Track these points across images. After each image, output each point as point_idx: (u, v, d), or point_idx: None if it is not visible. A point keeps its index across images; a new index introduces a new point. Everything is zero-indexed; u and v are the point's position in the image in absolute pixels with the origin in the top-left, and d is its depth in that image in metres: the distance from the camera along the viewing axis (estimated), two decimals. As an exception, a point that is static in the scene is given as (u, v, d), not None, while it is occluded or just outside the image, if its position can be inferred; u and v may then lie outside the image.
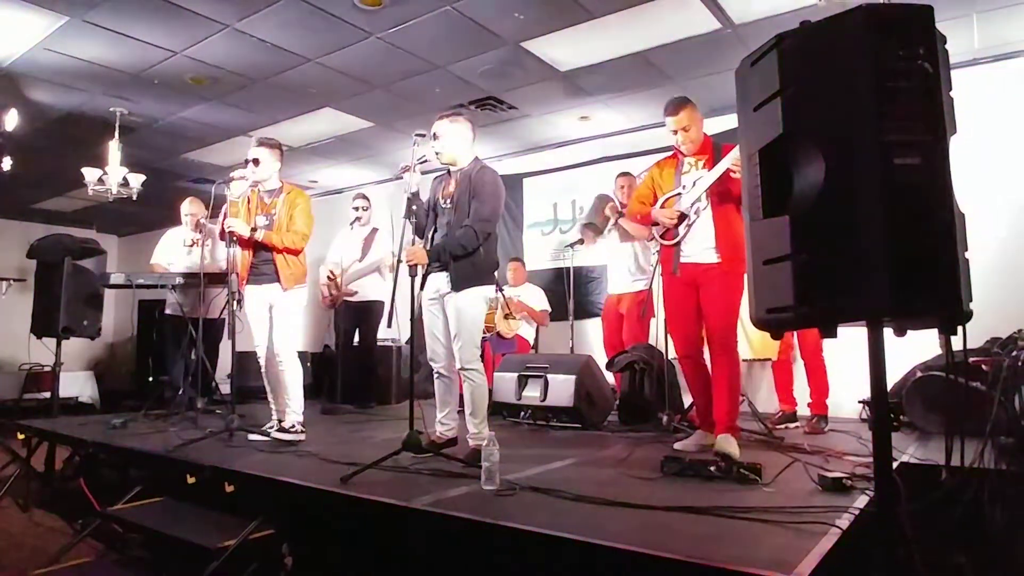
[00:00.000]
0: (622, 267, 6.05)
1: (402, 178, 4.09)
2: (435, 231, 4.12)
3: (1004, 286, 5.00)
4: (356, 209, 7.04)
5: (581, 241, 6.44)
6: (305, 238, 4.78)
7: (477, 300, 4.01)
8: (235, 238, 4.76)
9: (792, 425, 5.18)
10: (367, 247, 6.95)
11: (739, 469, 3.21)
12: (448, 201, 4.08)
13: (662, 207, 4.25)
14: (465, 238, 3.91)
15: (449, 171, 4.21)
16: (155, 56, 6.01)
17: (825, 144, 2.07)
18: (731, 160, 3.89)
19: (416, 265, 3.84)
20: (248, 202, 4.85)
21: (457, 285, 3.94)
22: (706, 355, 4.17)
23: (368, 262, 6.86)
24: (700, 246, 4.08)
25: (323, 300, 6.91)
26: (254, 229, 4.65)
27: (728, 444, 3.85)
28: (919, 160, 1.96)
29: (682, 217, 4.13)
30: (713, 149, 4.16)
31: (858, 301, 2.02)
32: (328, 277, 6.84)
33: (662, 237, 4.27)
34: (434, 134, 4.08)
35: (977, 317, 2.05)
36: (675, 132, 4.17)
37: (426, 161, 4.06)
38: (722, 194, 4.01)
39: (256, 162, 4.74)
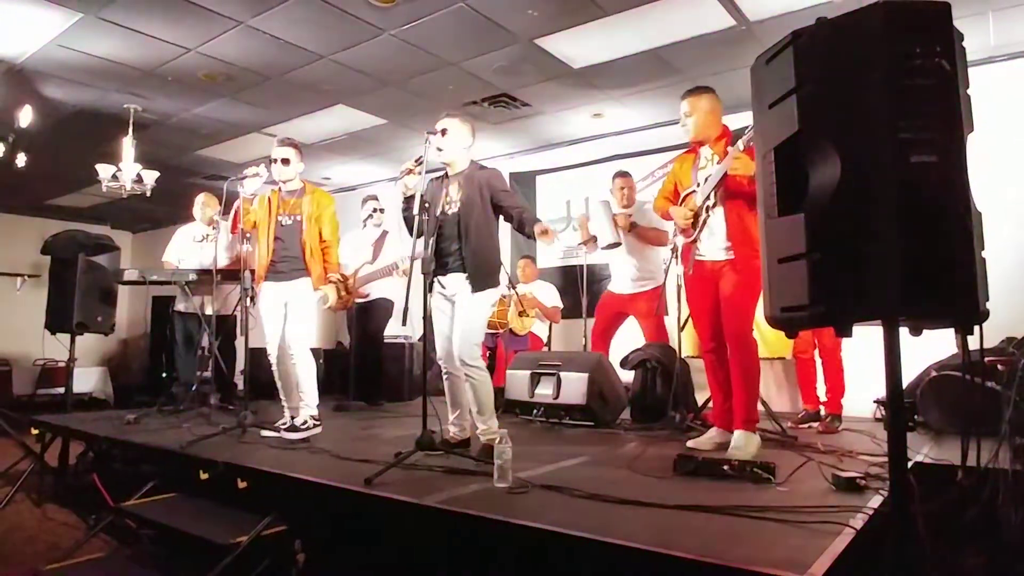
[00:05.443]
0: (627, 267, 5.95)
1: (401, 179, 4.17)
2: (439, 239, 4.11)
3: (1021, 286, 4.96)
4: (373, 211, 7.03)
5: (594, 238, 6.37)
6: (337, 243, 5.10)
7: (486, 302, 4.08)
8: (249, 236, 4.82)
9: (815, 425, 5.15)
10: (378, 250, 6.94)
11: (752, 468, 3.19)
12: (452, 207, 4.08)
13: (681, 204, 4.25)
14: (531, 217, 4.06)
15: (447, 174, 4.21)
16: (169, 53, 6.04)
17: (841, 142, 2.05)
18: (728, 164, 3.89)
19: (427, 261, 3.84)
20: (269, 202, 4.87)
21: (475, 286, 3.97)
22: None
23: (380, 265, 6.83)
24: (715, 245, 4.06)
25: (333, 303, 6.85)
26: (342, 280, 5.19)
27: (744, 440, 3.85)
28: (936, 158, 1.94)
29: (696, 214, 4.12)
30: (730, 143, 4.11)
31: (873, 300, 2.00)
32: (339, 279, 6.80)
33: (682, 233, 4.27)
34: (442, 130, 4.07)
35: (993, 316, 2.03)
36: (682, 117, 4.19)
37: (422, 163, 4.02)
38: (732, 192, 3.99)
39: (286, 161, 4.80)
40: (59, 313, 6.39)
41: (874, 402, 5.45)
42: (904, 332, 2.09)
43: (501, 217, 4.15)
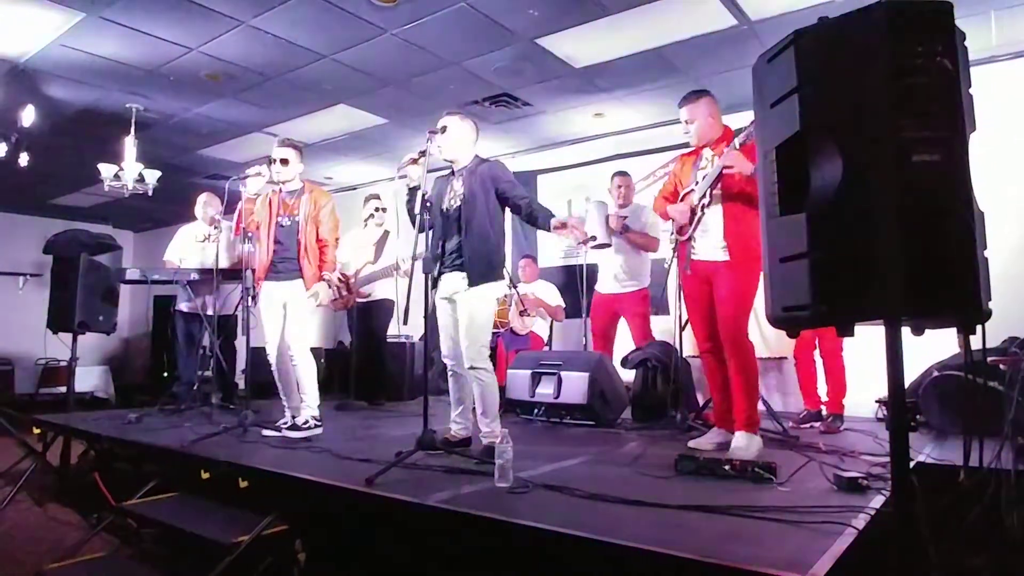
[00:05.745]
0: (612, 266, 6.00)
1: (405, 175, 4.17)
2: (442, 235, 4.12)
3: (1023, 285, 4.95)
4: (376, 210, 7.02)
5: (594, 238, 6.38)
6: (336, 244, 5.06)
7: (488, 298, 4.05)
8: (251, 236, 4.84)
9: (817, 425, 5.14)
10: (380, 249, 6.93)
11: (754, 468, 3.19)
12: (455, 201, 4.08)
13: (680, 203, 4.25)
14: (542, 207, 4.07)
15: (453, 171, 4.21)
16: (171, 52, 6.04)
17: (843, 141, 2.04)
18: (725, 161, 3.88)
19: (428, 260, 3.83)
20: (269, 203, 4.87)
21: (473, 280, 3.95)
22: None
23: (382, 265, 6.82)
24: (711, 244, 4.06)
25: (334, 303, 6.84)
26: (342, 280, 4.86)
27: (746, 441, 3.84)
28: (938, 157, 1.94)
29: (693, 212, 4.12)
30: (729, 144, 4.12)
31: (876, 300, 1.99)
32: (339, 279, 6.79)
33: (678, 232, 4.26)
34: (442, 127, 4.07)
35: (995, 316, 2.03)
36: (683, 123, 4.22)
37: (429, 155, 4.02)
38: (728, 190, 3.99)
39: (284, 162, 4.80)
40: (61, 312, 6.39)
41: (876, 402, 5.44)
42: (906, 331, 2.09)
43: (508, 209, 4.15)
